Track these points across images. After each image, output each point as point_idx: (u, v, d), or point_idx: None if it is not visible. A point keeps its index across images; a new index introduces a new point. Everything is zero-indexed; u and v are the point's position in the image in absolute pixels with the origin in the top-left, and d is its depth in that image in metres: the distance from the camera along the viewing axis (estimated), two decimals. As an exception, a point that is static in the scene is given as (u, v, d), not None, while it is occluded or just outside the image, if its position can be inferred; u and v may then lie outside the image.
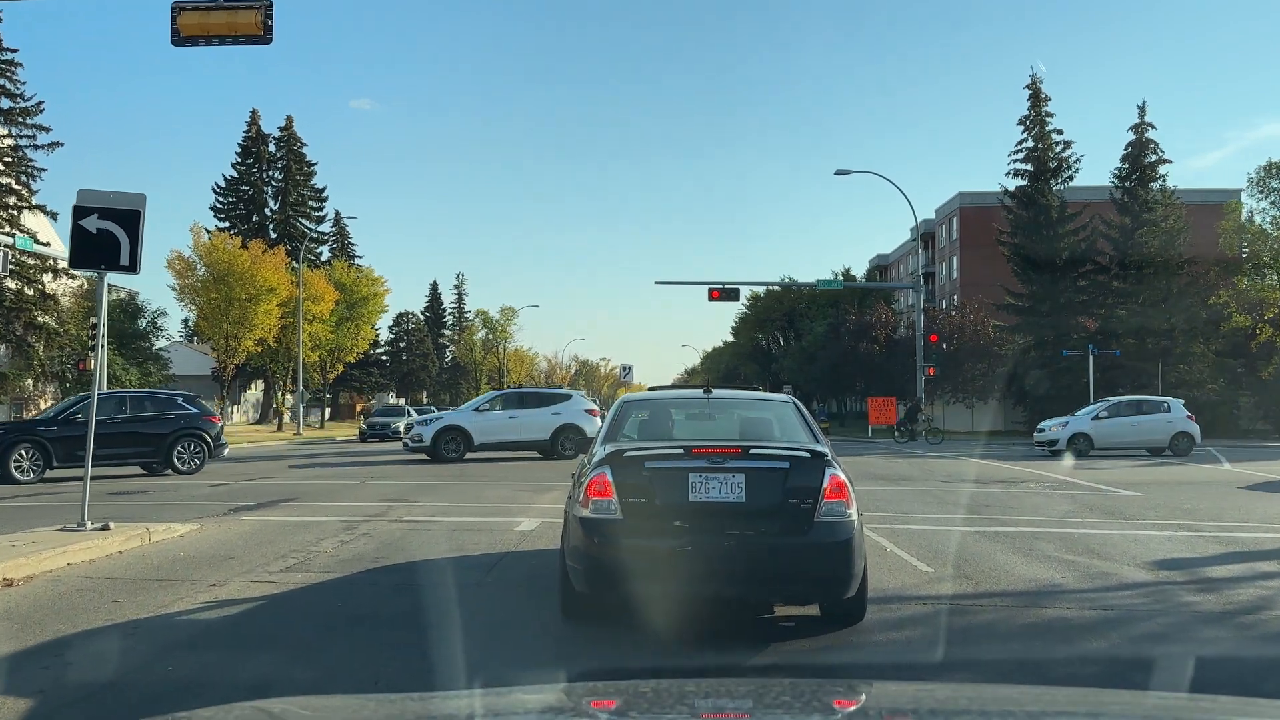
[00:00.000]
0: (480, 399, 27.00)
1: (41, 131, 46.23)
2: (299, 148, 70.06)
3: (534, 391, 27.40)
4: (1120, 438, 28.67)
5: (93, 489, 17.05)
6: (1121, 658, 6.02)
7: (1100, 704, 2.65)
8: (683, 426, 7.81)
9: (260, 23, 13.78)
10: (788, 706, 2.38)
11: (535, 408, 25.36)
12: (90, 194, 10.40)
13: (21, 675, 5.47)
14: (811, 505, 6.15)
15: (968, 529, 11.71)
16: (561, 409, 25.39)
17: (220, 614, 7.03)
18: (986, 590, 8.03)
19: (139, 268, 10.44)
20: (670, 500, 6.17)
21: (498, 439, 24.65)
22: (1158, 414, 29.02)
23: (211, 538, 10.83)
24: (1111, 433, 28.65)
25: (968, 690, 3.33)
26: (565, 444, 24.67)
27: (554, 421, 24.94)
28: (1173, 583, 8.60)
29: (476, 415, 25.05)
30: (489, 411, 25.18)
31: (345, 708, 2.50)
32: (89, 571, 8.77)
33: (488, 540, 10.63)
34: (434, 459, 24.02)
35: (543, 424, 24.91)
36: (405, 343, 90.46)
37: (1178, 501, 15.27)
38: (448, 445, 24.17)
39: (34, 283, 45.50)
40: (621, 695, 2.49)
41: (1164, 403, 29.89)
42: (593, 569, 6.19)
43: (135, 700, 5.04)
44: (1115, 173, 47.21)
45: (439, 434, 24.34)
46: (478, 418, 24.90)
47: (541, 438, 24.82)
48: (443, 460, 23.74)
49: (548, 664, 5.72)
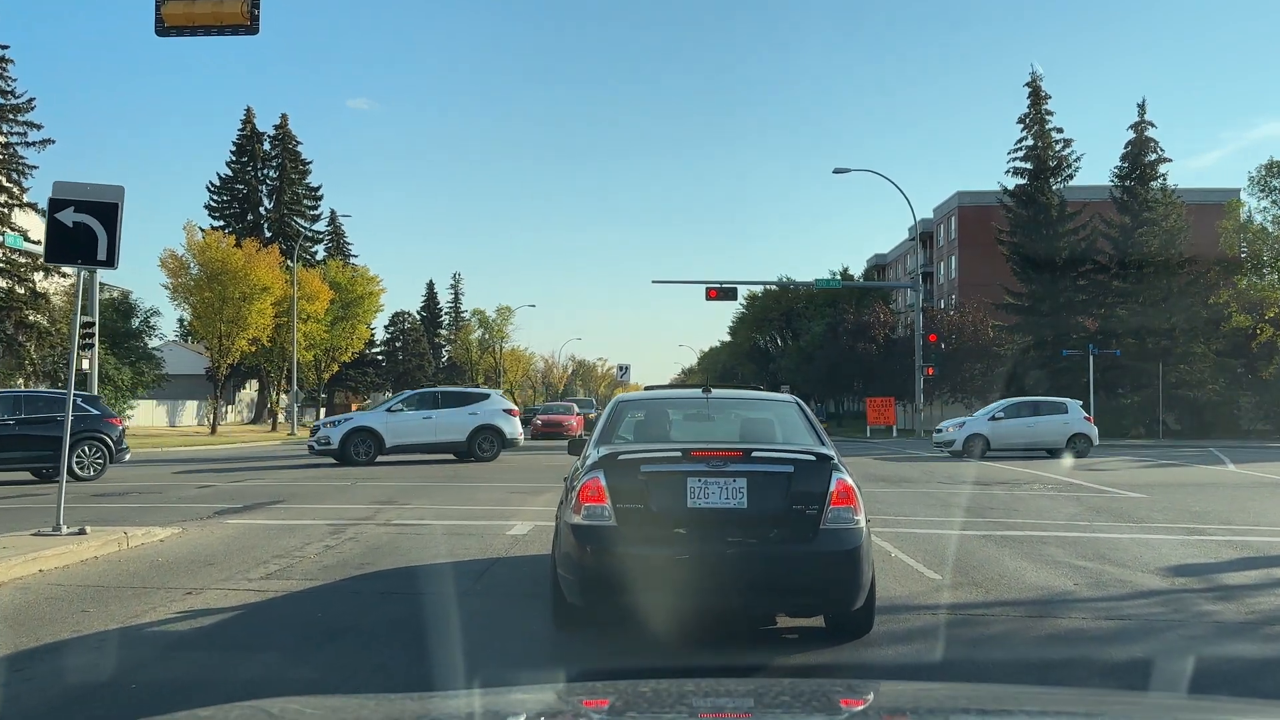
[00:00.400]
0: (393, 399, 25.77)
1: (33, 129, 45.81)
2: (294, 146, 69.62)
3: (449, 391, 26.35)
4: (1017, 439, 28.21)
5: (76, 490, 16.79)
6: (1146, 673, 5.68)
7: (1100, 704, 2.65)
8: (681, 428, 7.44)
9: (247, 12, 13.38)
10: (787, 707, 2.35)
11: (451, 407, 24.34)
12: (66, 186, 10.04)
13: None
14: (817, 511, 5.81)
15: (973, 533, 11.39)
16: (479, 409, 24.44)
17: (192, 625, 6.67)
18: (997, 599, 7.70)
19: (117, 262, 10.08)
20: (668, 506, 5.83)
21: (411, 440, 23.57)
22: (1055, 415, 28.52)
23: (192, 542, 10.47)
24: (1008, 434, 28.14)
25: (967, 690, 3.34)
26: (483, 445, 23.91)
27: (471, 422, 24.01)
28: (1190, 590, 8.27)
29: (388, 416, 23.90)
30: (402, 412, 24.05)
31: (345, 707, 2.50)
32: (61, 579, 8.41)
33: (478, 545, 10.28)
34: (342, 462, 22.70)
35: (459, 424, 23.94)
36: (401, 342, 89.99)
37: (1185, 504, 14.95)
38: (357, 448, 22.92)
39: (25, 281, 45.09)
40: (621, 695, 2.46)
41: (1062, 404, 29.47)
42: (585, 579, 5.85)
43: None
44: (1115, 171, 46.95)
45: (348, 436, 23.07)
46: (390, 418, 23.75)
47: (458, 439, 23.87)
48: (351, 464, 22.48)
49: (539, 681, 5.37)
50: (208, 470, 21.60)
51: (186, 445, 35.27)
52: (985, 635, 6.62)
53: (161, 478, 20.07)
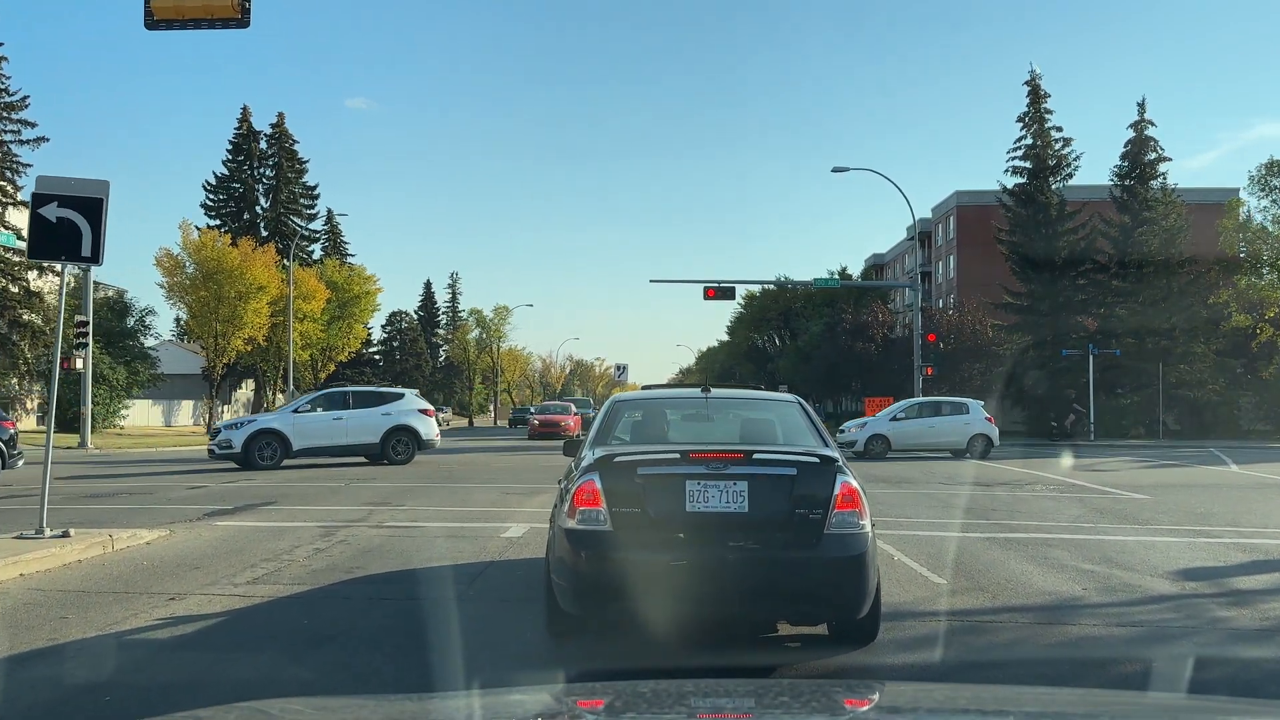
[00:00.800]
0: (301, 399, 24.43)
1: (26, 126, 45.59)
2: (290, 145, 69.28)
3: (361, 390, 25.01)
4: (918, 439, 28.06)
5: (67, 491, 16.55)
6: (1164, 685, 5.47)
7: (1100, 704, 2.64)
8: (679, 429, 7.21)
9: (237, 5, 13.16)
10: (787, 707, 2.35)
11: (363, 408, 23.18)
12: (50, 180, 9.81)
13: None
14: (821, 516, 5.59)
15: (977, 535, 11.18)
16: (393, 409, 23.32)
17: (173, 633, 6.44)
18: (1004, 604, 7.48)
19: (102, 258, 9.84)
20: (665, 510, 5.61)
21: (320, 443, 22.39)
22: (957, 416, 28.28)
23: (179, 545, 10.24)
24: (909, 434, 27.98)
25: (967, 690, 3.34)
26: (397, 447, 22.93)
27: (384, 423, 22.94)
28: (1201, 595, 8.07)
29: (295, 417, 22.53)
30: (310, 413, 22.73)
31: (344, 708, 2.50)
32: (42, 583, 8.18)
33: (472, 548, 10.06)
34: (244, 466, 21.31)
35: (371, 426, 22.82)
36: (398, 342, 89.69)
37: (1190, 505, 14.75)
38: (261, 451, 21.55)
39: (19, 280, 44.84)
40: (620, 696, 2.45)
41: (964, 404, 29.23)
42: (580, 586, 5.62)
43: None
44: (1115, 170, 46.73)
45: (251, 439, 21.64)
46: (297, 420, 22.42)
47: (370, 440, 22.79)
48: (256, 468, 21.07)
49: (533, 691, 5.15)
50: (201, 471, 21.35)
51: (181, 445, 35.00)
52: (994, 643, 6.40)
53: (153, 478, 19.83)
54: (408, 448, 23.19)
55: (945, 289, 71.18)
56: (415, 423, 23.37)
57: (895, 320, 61.96)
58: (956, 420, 28.26)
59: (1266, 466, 24.02)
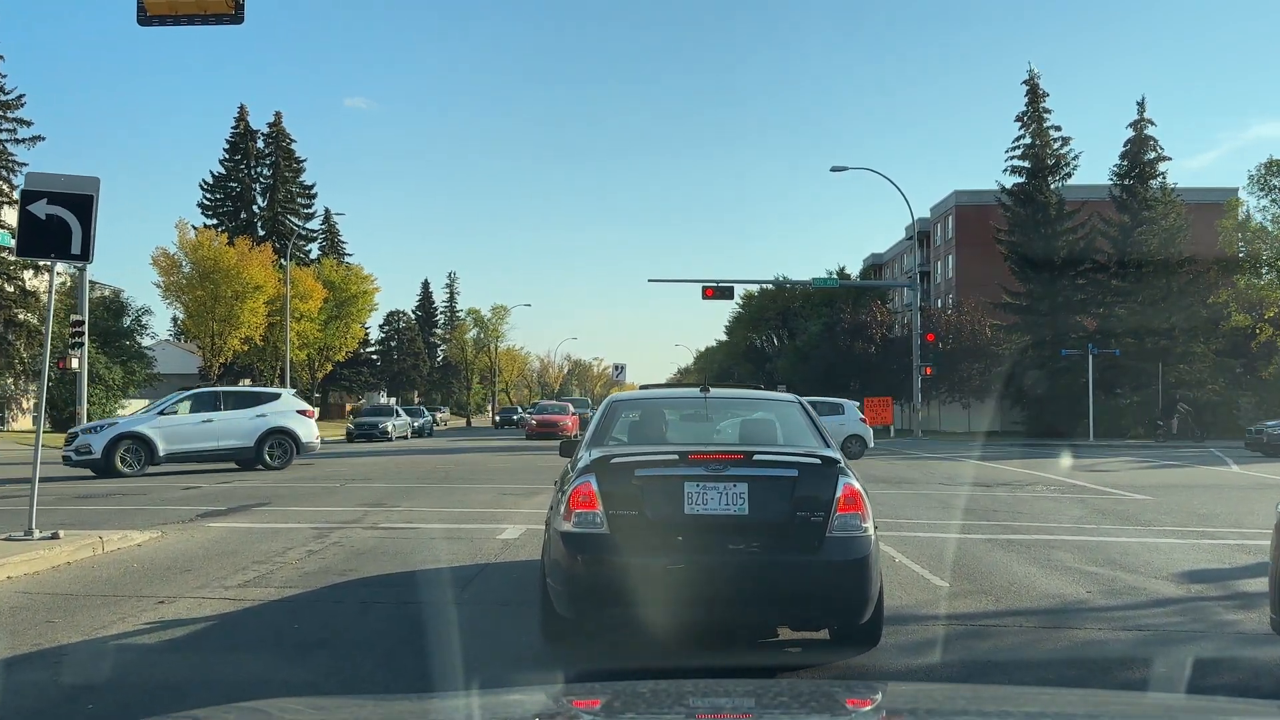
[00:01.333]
0: (167, 399, 22.54)
1: (22, 125, 45.51)
2: (288, 144, 69.20)
3: (233, 391, 23.84)
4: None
5: (58, 492, 16.41)
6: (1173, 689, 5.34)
7: (1099, 704, 2.64)
8: (678, 429, 7.08)
9: (231, 1, 13.02)
10: (787, 707, 2.34)
11: (235, 409, 21.82)
12: (39, 177, 9.68)
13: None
14: (823, 518, 5.46)
15: (979, 536, 11.06)
16: (268, 410, 21.95)
17: (161, 638, 6.31)
18: (1008, 608, 7.36)
19: (92, 256, 9.72)
20: (664, 512, 5.48)
21: (189, 447, 20.95)
22: (833, 416, 27.47)
23: (171, 547, 10.10)
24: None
25: (967, 690, 3.30)
26: (273, 451, 21.60)
27: (259, 425, 21.56)
28: (1207, 598, 7.95)
29: (161, 420, 20.97)
30: (177, 415, 21.26)
31: (342, 707, 2.51)
32: (29, 586, 8.05)
33: (468, 550, 9.93)
34: (104, 474, 19.75)
35: (245, 428, 21.46)
36: (396, 342, 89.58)
37: (1192, 506, 14.64)
38: (124, 457, 20.03)
39: (14, 279, 44.68)
40: (619, 696, 2.44)
41: (840, 404, 28.98)
42: (576, 589, 5.49)
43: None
44: (1114, 170, 46.60)
45: (113, 443, 20.07)
46: (162, 422, 20.88)
47: (244, 444, 21.41)
48: (118, 475, 19.60)
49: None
50: (195, 471, 21.21)
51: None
52: (998, 647, 6.27)
53: (147, 479, 19.67)
54: (285, 452, 21.83)
55: (944, 289, 71.09)
56: (293, 425, 22.02)
57: (894, 320, 61.85)
58: (832, 421, 27.18)
59: (1266, 467, 23.92)
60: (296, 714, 2.36)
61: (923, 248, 73.12)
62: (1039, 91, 48.25)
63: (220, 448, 21.40)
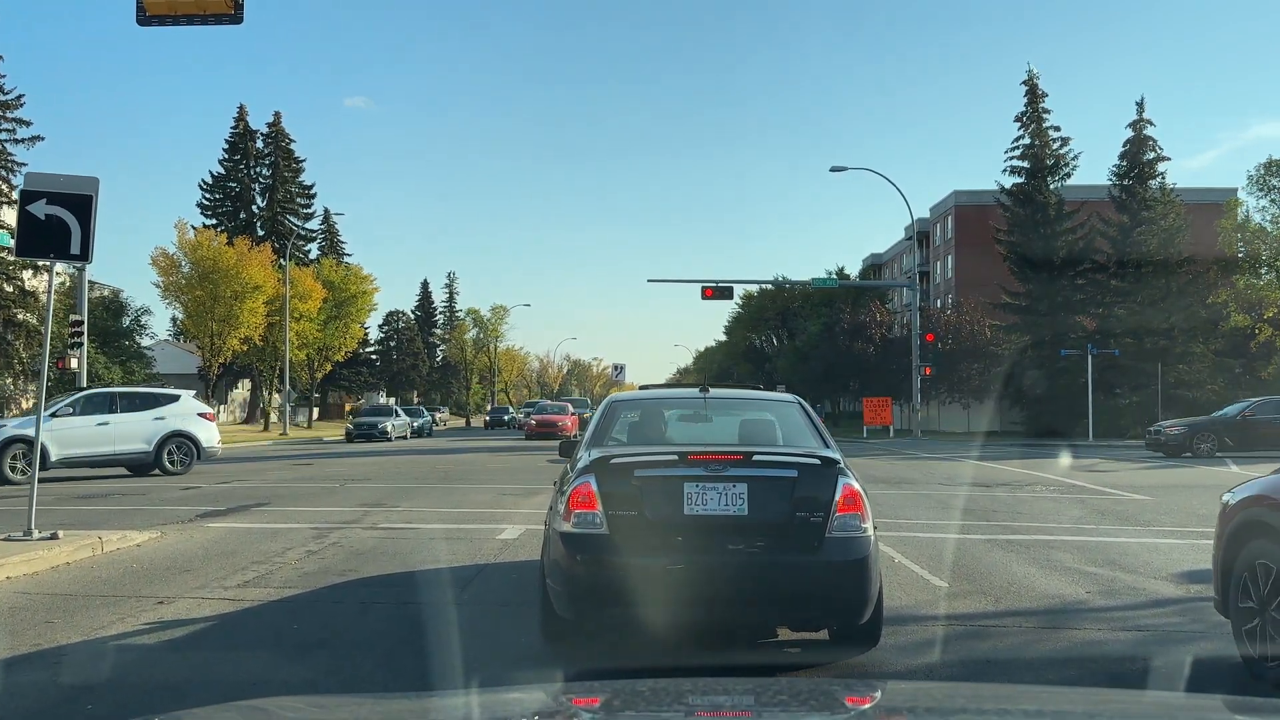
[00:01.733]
0: (59, 401, 20.98)
1: (21, 125, 45.40)
2: (287, 144, 69.18)
3: (130, 391, 22.33)
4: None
5: (58, 492, 16.41)
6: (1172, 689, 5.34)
7: (1099, 703, 2.64)
8: (677, 429, 7.08)
9: (230, 0, 13.01)
10: (787, 706, 2.33)
11: (132, 411, 20.70)
12: (38, 177, 9.68)
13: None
14: (822, 519, 5.46)
15: (978, 537, 11.06)
16: (167, 412, 20.92)
17: (160, 638, 6.31)
18: (1008, 608, 7.36)
19: (91, 256, 9.72)
20: (663, 513, 5.48)
21: (83, 452, 19.77)
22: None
23: (170, 547, 10.10)
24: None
25: (966, 689, 3.32)
26: (173, 456, 20.66)
27: (158, 428, 20.54)
28: (1206, 598, 7.91)
29: (53, 423, 19.41)
30: (70, 417, 19.90)
31: (342, 706, 2.52)
32: (28, 586, 8.04)
33: (467, 550, 9.92)
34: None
35: (142, 432, 20.39)
36: (395, 342, 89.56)
37: (1192, 506, 14.63)
38: (14, 464, 18.81)
39: (13, 279, 44.65)
40: (618, 694, 2.43)
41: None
42: (575, 590, 5.49)
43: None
44: (1113, 170, 46.57)
45: (1, 448, 18.85)
46: (55, 425, 19.41)
47: (142, 449, 20.34)
48: (6, 483, 18.34)
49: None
50: (193, 470, 21.19)
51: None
52: (998, 648, 6.27)
53: (146, 479, 19.67)
54: (186, 456, 20.89)
55: (943, 289, 71.10)
56: (194, 428, 21.12)
57: (893, 320, 61.91)
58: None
59: (1266, 468, 23.87)
60: (296, 713, 2.35)
61: (922, 248, 73.15)
62: (1038, 92, 48.26)
63: (117, 452, 20.37)
